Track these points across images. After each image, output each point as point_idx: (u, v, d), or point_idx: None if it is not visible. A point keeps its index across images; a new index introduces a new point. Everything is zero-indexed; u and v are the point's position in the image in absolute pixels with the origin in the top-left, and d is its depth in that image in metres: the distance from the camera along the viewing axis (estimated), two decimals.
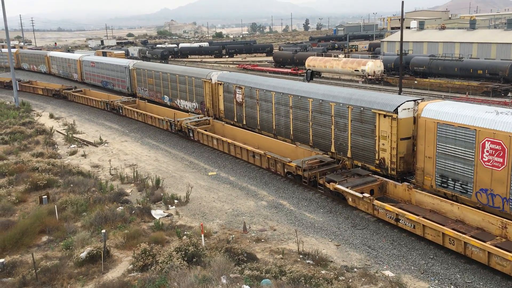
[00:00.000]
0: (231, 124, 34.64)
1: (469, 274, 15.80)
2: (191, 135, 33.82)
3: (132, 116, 42.89)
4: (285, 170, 25.39)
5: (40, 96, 59.30)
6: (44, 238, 18.22)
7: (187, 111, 40.41)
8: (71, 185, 23.96)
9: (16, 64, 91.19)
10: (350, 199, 21.11)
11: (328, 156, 25.36)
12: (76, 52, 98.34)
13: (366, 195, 20.16)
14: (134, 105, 44.51)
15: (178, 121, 35.02)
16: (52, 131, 39.24)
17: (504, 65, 51.54)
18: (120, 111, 44.45)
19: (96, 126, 42.08)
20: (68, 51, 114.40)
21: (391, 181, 21.70)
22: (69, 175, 25.87)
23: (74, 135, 37.73)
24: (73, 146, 34.86)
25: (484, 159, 18.43)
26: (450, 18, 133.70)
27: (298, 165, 24.19)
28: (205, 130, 33.12)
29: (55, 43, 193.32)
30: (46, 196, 21.68)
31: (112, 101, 45.70)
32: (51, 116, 46.26)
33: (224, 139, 30.50)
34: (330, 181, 22.23)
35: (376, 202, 19.63)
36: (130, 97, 47.20)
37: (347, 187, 21.19)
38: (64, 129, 40.39)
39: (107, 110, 47.02)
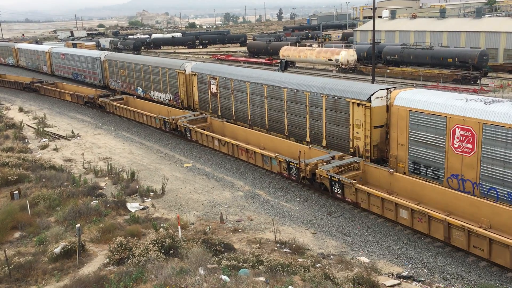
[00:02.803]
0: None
1: (441, 257, 16.21)
2: (337, 190, 20.73)
3: (210, 145, 29.67)
4: None
5: (9, 90, 57.67)
6: (17, 234, 17.84)
7: (161, 103, 39.99)
8: (43, 180, 23.49)
9: None
10: None
11: None
12: (45, 44, 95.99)
13: None
14: (205, 124, 31.88)
15: (307, 164, 21.94)
16: (22, 125, 38.31)
17: (473, 53, 52.63)
18: (188, 134, 31.57)
19: (67, 119, 41.25)
20: (37, 42, 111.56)
21: None
22: (40, 170, 25.34)
23: (45, 129, 36.92)
24: (44, 140, 34.12)
25: (454, 145, 18.86)
26: (421, 7, 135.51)
27: None
28: (354, 180, 20.18)
29: (23, 35, 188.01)
30: (17, 192, 21.20)
31: (174, 119, 32.41)
32: (21, 110, 45.14)
33: (427, 211, 16.88)
34: None
35: None
36: (198, 113, 33.57)
37: None
38: (34, 123, 39.48)
39: (164, 130, 34.48)
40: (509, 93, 43.65)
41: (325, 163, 21.99)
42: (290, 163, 23.01)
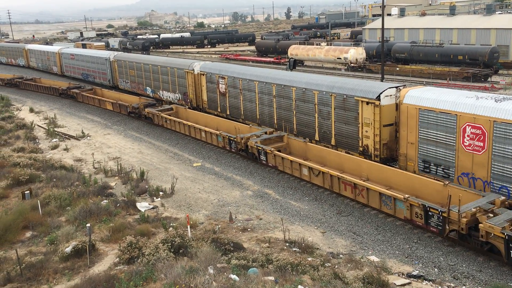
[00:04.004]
0: (215, 115, 34.48)
1: (452, 256, 16.09)
2: None
3: (296, 174, 23.65)
4: None
5: (19, 90, 58.11)
6: (28, 234, 18.01)
7: (170, 102, 40.12)
8: (54, 180, 23.69)
9: None
10: None
11: None
12: (55, 45, 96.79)
13: None
14: (281, 144, 26.42)
15: (461, 215, 15.81)
16: (33, 125, 38.65)
17: (483, 50, 52.13)
18: (263, 158, 25.75)
19: (77, 119, 41.54)
20: (47, 43, 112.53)
21: None
22: (51, 170, 25.55)
23: (55, 129, 37.22)
24: (54, 140, 34.40)
25: (465, 143, 18.70)
26: (430, 4, 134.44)
27: None
28: None
29: (33, 36, 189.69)
30: (28, 192, 21.40)
31: (243, 138, 26.93)
32: (31, 110, 45.53)
33: None
34: None
35: None
36: (272, 130, 27.93)
37: None
38: (45, 123, 39.81)
39: (229, 150, 28.90)
40: None
41: (490, 214, 15.85)
42: (431, 210, 16.87)
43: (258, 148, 25.69)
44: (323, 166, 22.71)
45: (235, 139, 27.45)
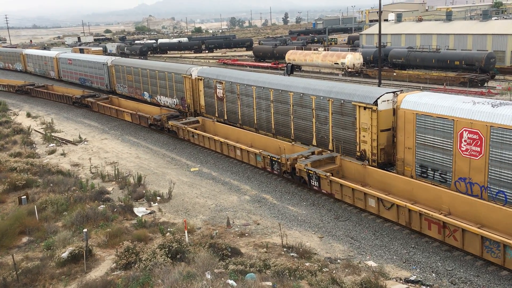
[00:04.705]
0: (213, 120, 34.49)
1: (449, 261, 16.09)
2: None
3: (359, 205, 19.99)
4: None
5: (16, 95, 57.94)
6: (25, 239, 17.94)
7: (167, 107, 40.08)
8: (51, 185, 23.62)
9: None
10: None
11: None
12: (53, 50, 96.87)
13: None
14: (333, 166, 22.82)
15: None
16: (30, 130, 38.58)
17: (480, 55, 52.37)
18: (315, 183, 22.06)
19: (75, 124, 41.48)
20: (44, 48, 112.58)
21: None
22: (48, 175, 25.49)
23: (52, 134, 37.14)
24: (51, 145, 34.32)
25: (462, 148, 18.75)
26: (427, 10, 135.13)
27: None
28: None
29: (31, 41, 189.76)
30: (25, 197, 21.34)
31: (289, 159, 23.31)
32: (28, 115, 45.45)
33: None
34: None
35: None
36: (320, 150, 24.26)
37: None
38: (42, 128, 39.74)
39: (270, 172, 25.19)
40: None
41: None
42: None
43: (309, 172, 22.02)
44: (387, 195, 19.12)
45: (279, 160, 23.77)
